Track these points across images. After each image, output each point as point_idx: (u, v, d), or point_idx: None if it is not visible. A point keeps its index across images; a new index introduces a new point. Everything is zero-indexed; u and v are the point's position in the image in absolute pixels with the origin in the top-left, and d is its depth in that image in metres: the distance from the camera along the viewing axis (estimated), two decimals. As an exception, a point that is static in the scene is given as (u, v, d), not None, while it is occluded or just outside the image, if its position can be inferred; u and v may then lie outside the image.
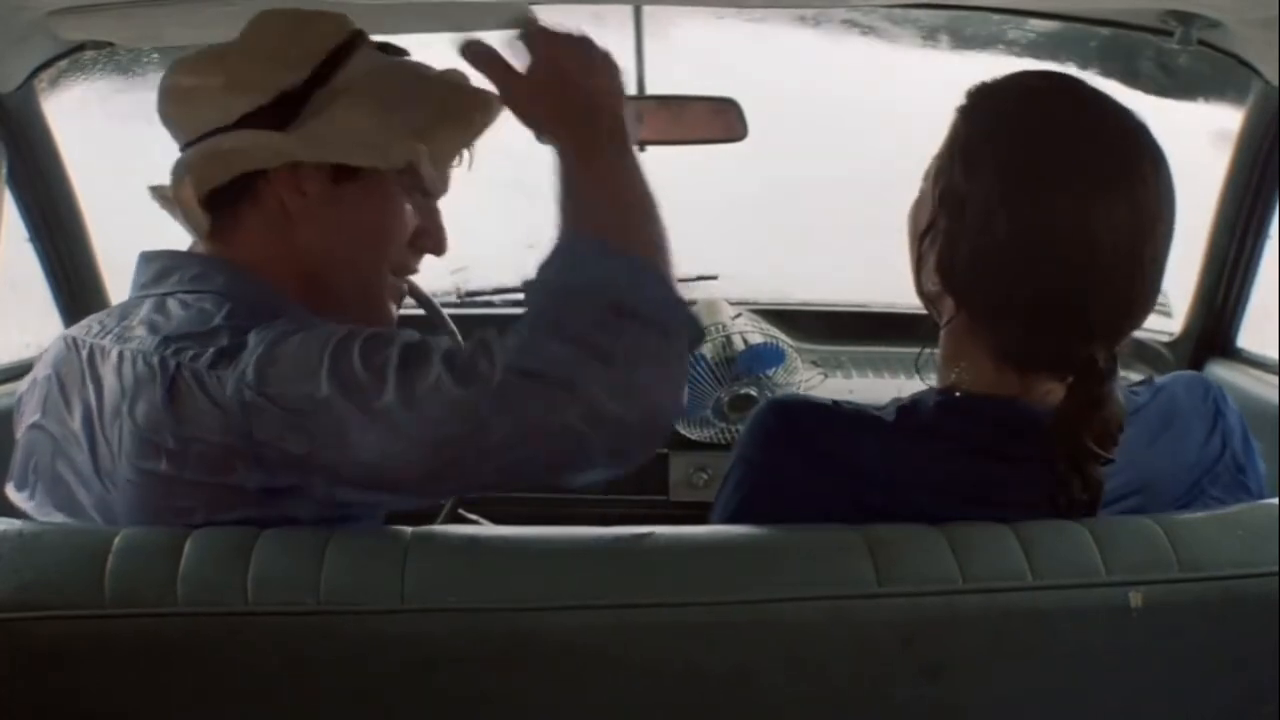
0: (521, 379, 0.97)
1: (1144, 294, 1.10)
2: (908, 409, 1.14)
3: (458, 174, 1.31)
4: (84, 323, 1.22)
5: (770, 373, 2.04)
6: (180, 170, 1.21)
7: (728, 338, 2.03)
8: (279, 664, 0.99)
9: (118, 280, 2.20)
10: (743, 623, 1.00)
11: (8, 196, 1.94)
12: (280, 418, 1.03)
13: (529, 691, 1.00)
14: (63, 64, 1.94)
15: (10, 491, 1.23)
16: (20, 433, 1.23)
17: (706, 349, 2.03)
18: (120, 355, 1.12)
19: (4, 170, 1.91)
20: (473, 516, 1.97)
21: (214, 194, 1.20)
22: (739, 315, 2.13)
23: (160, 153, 1.25)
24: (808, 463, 1.13)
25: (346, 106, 1.20)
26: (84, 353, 1.16)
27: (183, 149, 1.23)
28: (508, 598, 0.99)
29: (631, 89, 2.11)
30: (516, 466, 1.00)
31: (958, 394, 1.14)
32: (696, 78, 2.25)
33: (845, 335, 2.44)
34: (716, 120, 2.11)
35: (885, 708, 1.02)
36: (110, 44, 1.91)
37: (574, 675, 1.00)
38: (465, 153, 1.30)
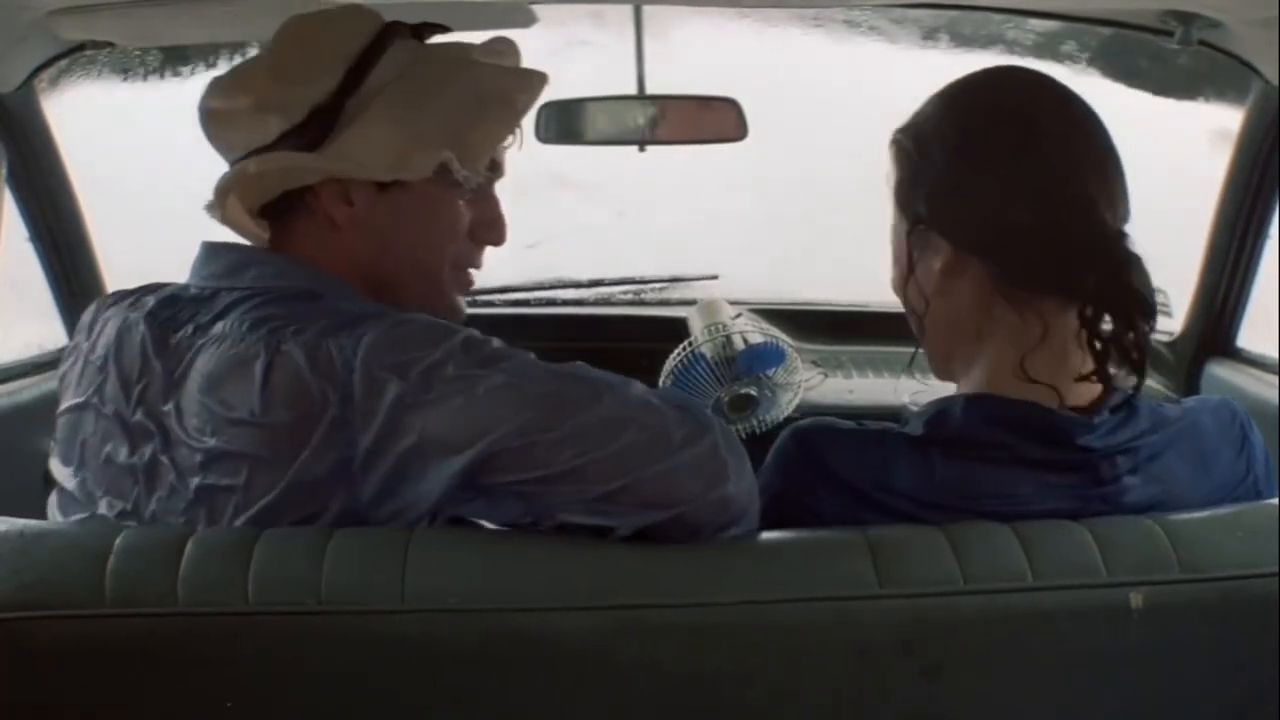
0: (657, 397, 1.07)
1: (1118, 173, 1.16)
2: (935, 422, 1.14)
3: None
4: (136, 301, 1.20)
5: (770, 373, 2.03)
6: (220, 190, 1.20)
7: (728, 338, 2.02)
8: (280, 664, 0.99)
9: (118, 280, 2.20)
10: (744, 624, 1.00)
11: (8, 196, 1.94)
12: (393, 383, 1.04)
13: (530, 692, 1.00)
14: (63, 64, 1.94)
15: (55, 465, 1.22)
16: (65, 405, 1.21)
17: (706, 349, 2.02)
18: (205, 346, 1.12)
19: (4, 170, 1.91)
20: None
21: (265, 207, 1.21)
22: (739, 315, 2.13)
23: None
24: (831, 492, 1.12)
25: (374, 117, 1.19)
26: (154, 341, 1.15)
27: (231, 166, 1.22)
28: (509, 598, 0.99)
29: (632, 89, 2.12)
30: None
31: (981, 399, 1.14)
32: (696, 78, 2.25)
33: (845, 335, 2.44)
34: (716, 120, 2.11)
35: (886, 709, 1.02)
36: (110, 44, 1.91)
37: (574, 676, 1.00)
38: (516, 137, 1.29)
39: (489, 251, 1.34)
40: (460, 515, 1.09)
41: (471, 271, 1.33)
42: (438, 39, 1.29)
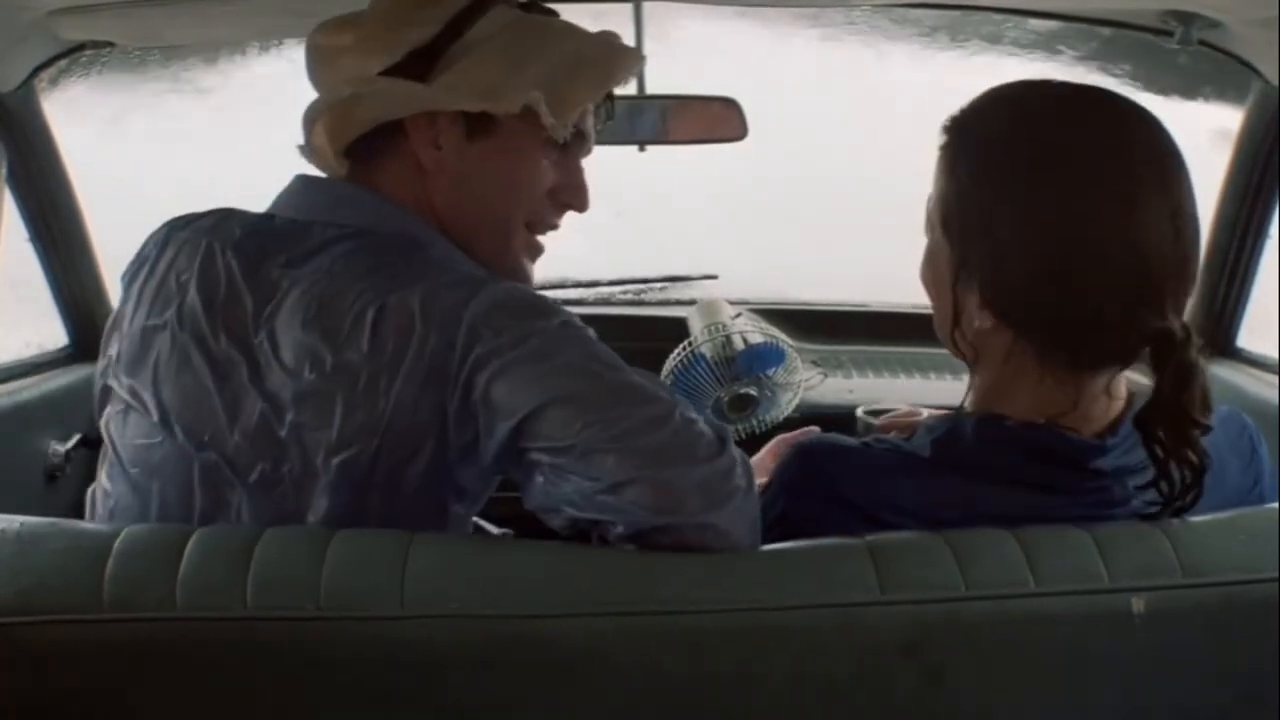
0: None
1: (1196, 249, 1.08)
2: (943, 442, 1.12)
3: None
4: (217, 226, 1.21)
5: (770, 373, 2.03)
6: (310, 118, 1.24)
7: (728, 338, 2.02)
8: (279, 669, 0.98)
9: (118, 281, 2.20)
10: (746, 630, 1.00)
11: (8, 196, 1.94)
12: (488, 338, 1.08)
13: (530, 698, 1.00)
14: (63, 64, 1.94)
15: (114, 379, 1.22)
16: (134, 322, 1.21)
17: (706, 349, 2.02)
18: (305, 281, 1.14)
19: (4, 170, 1.91)
20: (474, 519, 1.97)
21: (353, 145, 1.24)
22: (739, 315, 2.13)
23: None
24: (840, 513, 1.10)
25: (476, 59, 1.22)
26: (242, 270, 1.16)
27: None
28: (510, 604, 0.99)
29: (631, 89, 2.12)
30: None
31: (992, 421, 1.11)
32: (696, 78, 2.25)
33: (845, 335, 2.44)
34: (716, 120, 2.11)
35: (888, 714, 1.02)
36: (110, 44, 1.91)
37: (575, 681, 1.00)
38: (604, 109, 1.33)
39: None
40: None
41: (543, 240, 1.34)
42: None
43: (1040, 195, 1.06)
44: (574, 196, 1.32)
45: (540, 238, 1.33)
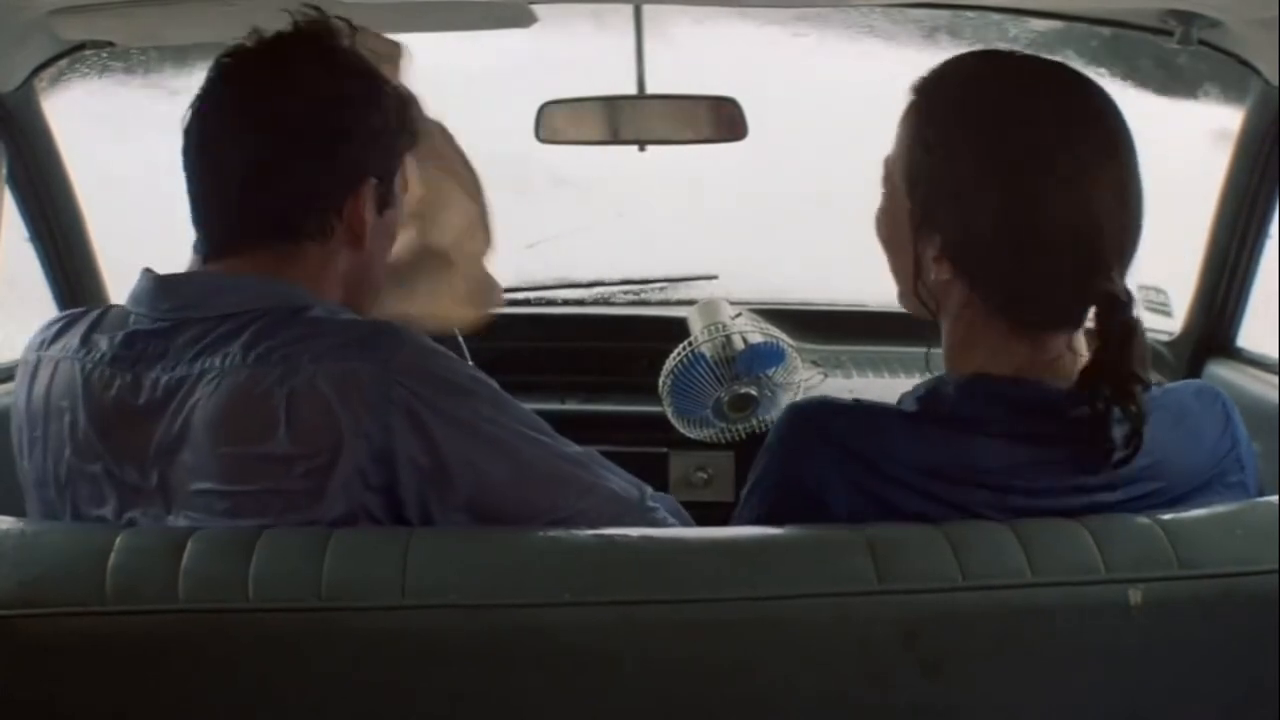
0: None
1: (1140, 217, 1.14)
2: (927, 399, 1.15)
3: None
4: (86, 341, 1.17)
5: (770, 372, 2.04)
6: None
7: (728, 337, 2.02)
8: (280, 660, 0.99)
9: (118, 281, 2.20)
10: (743, 620, 1.00)
11: (8, 196, 1.94)
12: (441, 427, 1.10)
13: (530, 688, 1.00)
14: (63, 64, 1.94)
15: (31, 492, 1.21)
16: (33, 456, 1.18)
17: (706, 349, 2.03)
18: (203, 386, 1.10)
19: (4, 170, 1.91)
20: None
21: None
22: (739, 315, 2.13)
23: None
24: (835, 463, 1.12)
25: None
26: (130, 390, 1.13)
27: None
28: (509, 593, 0.99)
29: (632, 89, 2.12)
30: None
31: (975, 378, 1.14)
32: (696, 78, 2.25)
33: (845, 335, 2.44)
34: (716, 120, 2.11)
35: (886, 705, 1.02)
36: (110, 44, 1.91)
37: (574, 672, 1.00)
38: None
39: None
40: None
41: None
42: None
43: (1002, 160, 1.12)
44: None
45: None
